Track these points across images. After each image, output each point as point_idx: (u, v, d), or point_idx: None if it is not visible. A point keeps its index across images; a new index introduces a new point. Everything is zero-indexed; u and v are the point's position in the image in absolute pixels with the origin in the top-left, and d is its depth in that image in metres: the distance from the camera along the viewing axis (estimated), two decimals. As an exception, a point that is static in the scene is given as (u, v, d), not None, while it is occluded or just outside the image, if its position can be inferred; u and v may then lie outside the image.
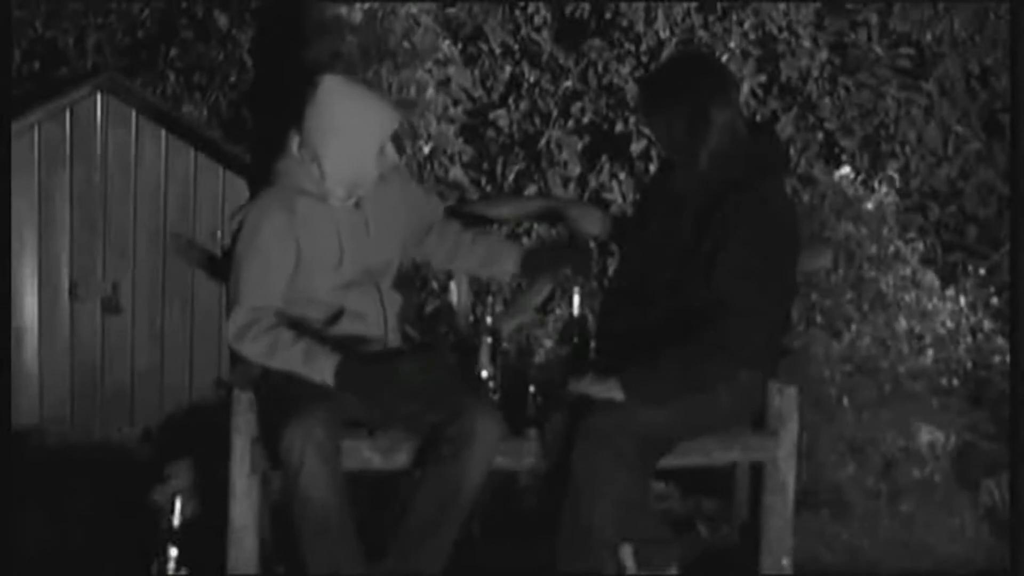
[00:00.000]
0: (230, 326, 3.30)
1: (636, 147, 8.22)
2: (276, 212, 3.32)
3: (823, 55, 8.70)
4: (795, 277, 3.43)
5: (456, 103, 8.36)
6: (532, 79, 8.62)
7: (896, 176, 8.46)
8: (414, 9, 8.17)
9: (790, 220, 3.38)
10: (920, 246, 7.55)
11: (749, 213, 3.23)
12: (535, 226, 8.12)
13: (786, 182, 3.53)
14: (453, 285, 3.84)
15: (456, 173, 8.21)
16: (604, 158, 8.39)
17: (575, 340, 3.52)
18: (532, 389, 3.41)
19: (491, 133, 8.58)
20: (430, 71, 8.23)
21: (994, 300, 7.66)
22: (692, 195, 3.34)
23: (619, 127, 8.31)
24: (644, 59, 8.46)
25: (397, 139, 3.45)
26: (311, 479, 3.14)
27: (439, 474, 3.24)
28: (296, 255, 3.32)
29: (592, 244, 3.84)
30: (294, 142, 3.35)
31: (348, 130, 3.29)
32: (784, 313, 3.43)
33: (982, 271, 8.24)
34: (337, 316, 3.37)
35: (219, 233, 7.91)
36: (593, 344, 3.53)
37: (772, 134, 7.05)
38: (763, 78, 8.55)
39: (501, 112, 8.55)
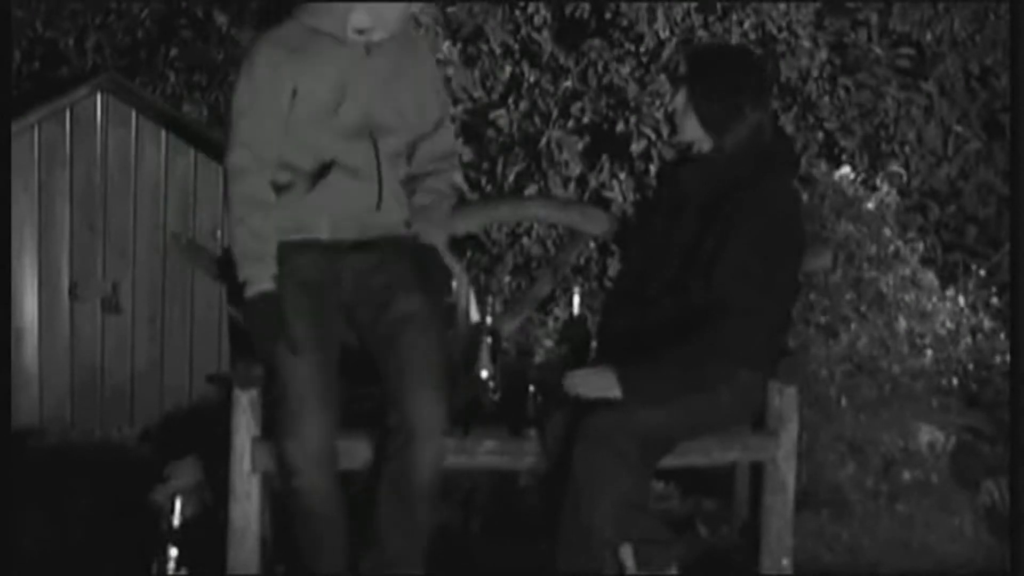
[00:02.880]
0: (227, 166, 3.26)
1: (636, 147, 8.20)
2: (273, 47, 3.27)
3: (823, 55, 8.68)
4: (797, 277, 3.43)
5: (456, 103, 8.34)
6: (532, 79, 8.60)
7: (902, 171, 8.44)
8: (414, 9, 8.15)
9: (793, 220, 3.38)
10: (920, 246, 7.53)
11: (751, 212, 3.23)
12: (535, 226, 8.12)
13: (792, 182, 3.53)
14: (454, 285, 3.83)
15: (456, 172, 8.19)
16: (604, 158, 8.37)
17: (575, 340, 3.52)
18: (532, 389, 3.41)
19: (491, 133, 8.56)
20: (430, 71, 8.20)
21: (994, 300, 7.65)
22: (695, 194, 3.34)
23: (619, 127, 8.29)
24: (644, 59, 8.46)
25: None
26: (306, 490, 3.19)
27: (391, 472, 3.23)
28: (291, 94, 3.26)
29: (592, 244, 3.84)
30: None
31: None
32: (785, 313, 3.43)
33: (982, 271, 8.23)
34: (326, 169, 3.30)
35: (219, 233, 7.91)
36: (593, 344, 3.53)
37: (783, 134, 7.06)
38: (763, 78, 8.53)
39: (501, 112, 8.53)
